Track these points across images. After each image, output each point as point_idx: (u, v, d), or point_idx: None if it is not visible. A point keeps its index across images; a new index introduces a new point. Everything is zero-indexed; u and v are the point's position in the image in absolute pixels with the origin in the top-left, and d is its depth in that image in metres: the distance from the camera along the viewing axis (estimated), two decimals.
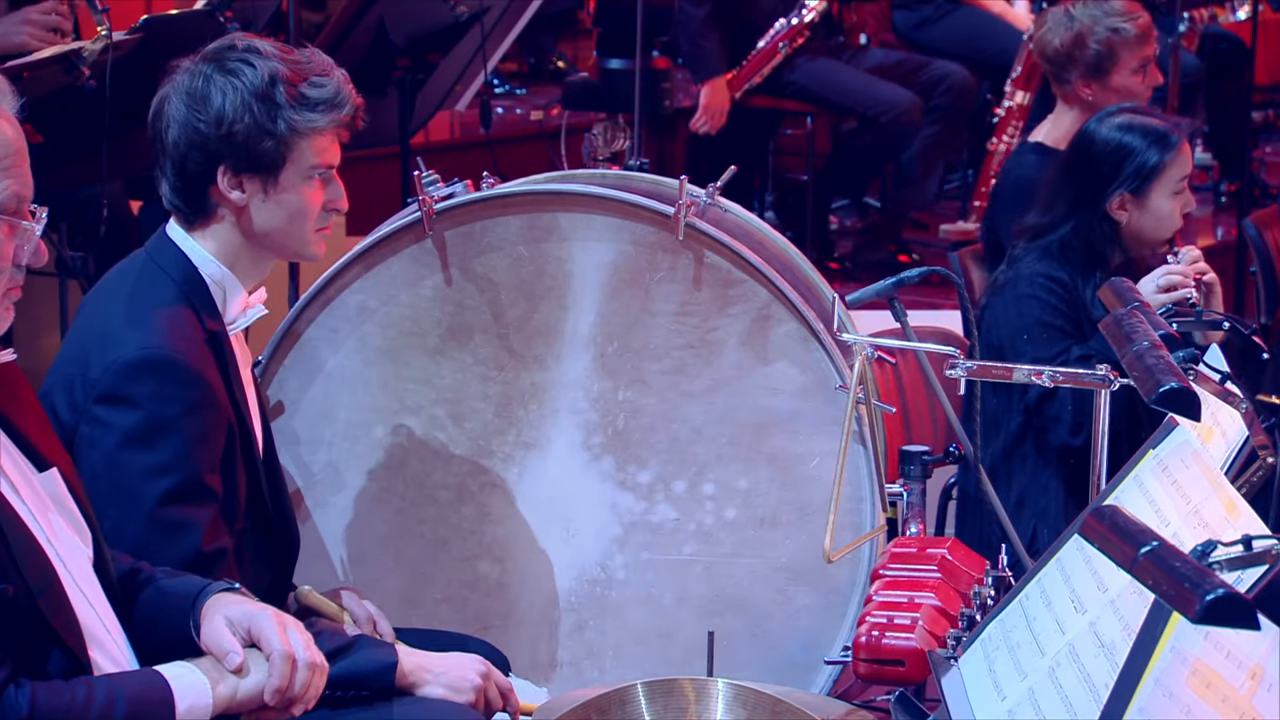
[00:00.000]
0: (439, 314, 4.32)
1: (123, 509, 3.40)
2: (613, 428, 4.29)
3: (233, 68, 3.58)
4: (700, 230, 4.23)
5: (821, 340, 4.17)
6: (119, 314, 3.58)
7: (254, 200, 3.58)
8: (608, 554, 4.30)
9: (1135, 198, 4.95)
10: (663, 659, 4.08)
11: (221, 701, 2.93)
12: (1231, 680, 2.48)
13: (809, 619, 4.20)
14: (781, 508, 4.24)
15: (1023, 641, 3.17)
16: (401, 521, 4.33)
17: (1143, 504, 3.14)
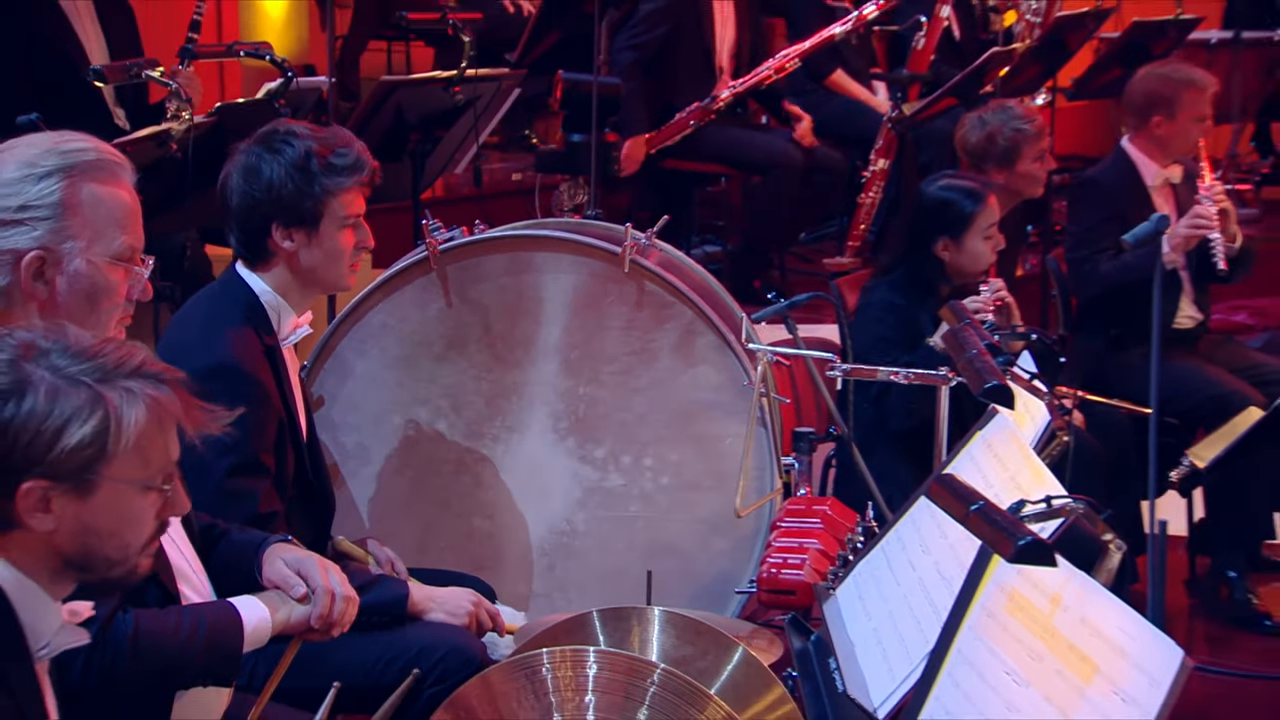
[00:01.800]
0: (442, 329, 4.36)
1: (198, 480, 3.37)
2: (575, 415, 4.33)
3: (277, 147, 3.61)
4: (641, 265, 4.28)
5: (733, 349, 4.22)
6: (198, 331, 3.61)
7: (301, 247, 3.60)
8: (572, 512, 4.34)
9: (954, 241, 4.98)
10: (615, 592, 4.08)
11: (278, 625, 2.94)
12: (1038, 604, 2.50)
13: (724, 560, 4.25)
14: (704, 476, 4.27)
15: (884, 577, 3.19)
16: (414, 487, 4.37)
17: (973, 472, 3.17)
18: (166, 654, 2.85)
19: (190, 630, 2.88)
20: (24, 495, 2.14)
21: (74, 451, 2.14)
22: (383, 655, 3.43)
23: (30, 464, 2.13)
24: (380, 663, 3.42)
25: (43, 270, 2.75)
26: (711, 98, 7.69)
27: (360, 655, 3.35)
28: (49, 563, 2.24)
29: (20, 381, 2.13)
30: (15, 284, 2.74)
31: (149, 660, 2.82)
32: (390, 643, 3.45)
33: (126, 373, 2.21)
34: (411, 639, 3.48)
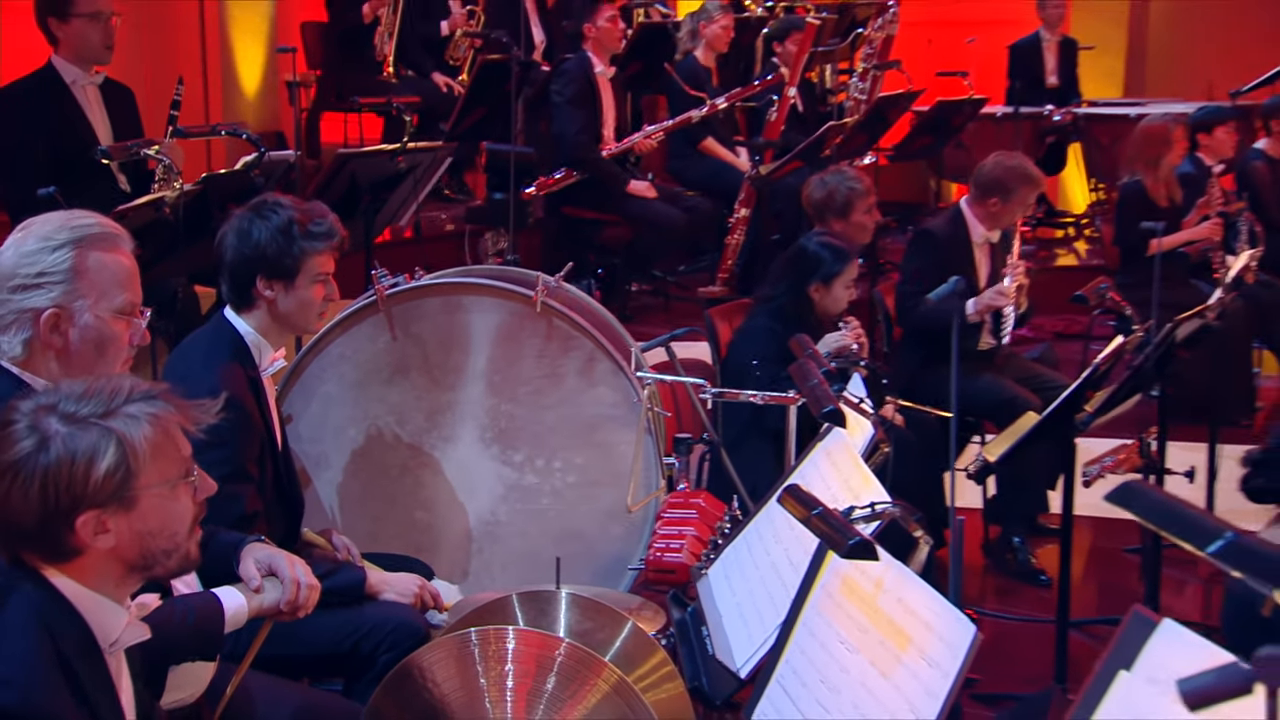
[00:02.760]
0: (389, 358, 4.34)
1: None
2: (498, 427, 4.32)
3: (266, 214, 3.60)
4: (550, 305, 4.28)
5: (625, 373, 4.23)
6: (194, 365, 3.59)
7: (280, 296, 3.59)
8: (495, 506, 4.33)
9: (824, 285, 5.06)
10: (531, 570, 4.06)
11: (254, 610, 2.94)
12: (865, 588, 2.53)
13: (619, 543, 4.25)
14: (602, 475, 4.27)
15: (746, 560, 3.22)
16: (367, 488, 4.35)
17: (816, 475, 3.20)
18: (161, 637, 2.83)
19: (181, 617, 2.87)
20: (83, 526, 2.16)
21: (106, 479, 2.15)
22: (342, 628, 3.41)
23: (77, 501, 2.14)
24: (341, 635, 3.41)
25: (58, 324, 2.79)
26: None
27: (324, 629, 3.33)
28: (114, 572, 2.27)
29: (41, 439, 2.14)
30: (35, 336, 2.78)
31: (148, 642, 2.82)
32: (349, 618, 3.44)
33: (122, 401, 2.21)
34: (367, 615, 3.47)
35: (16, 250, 2.80)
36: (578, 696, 2.63)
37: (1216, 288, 5.71)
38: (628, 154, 7.98)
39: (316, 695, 3.40)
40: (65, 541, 2.18)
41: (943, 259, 5.87)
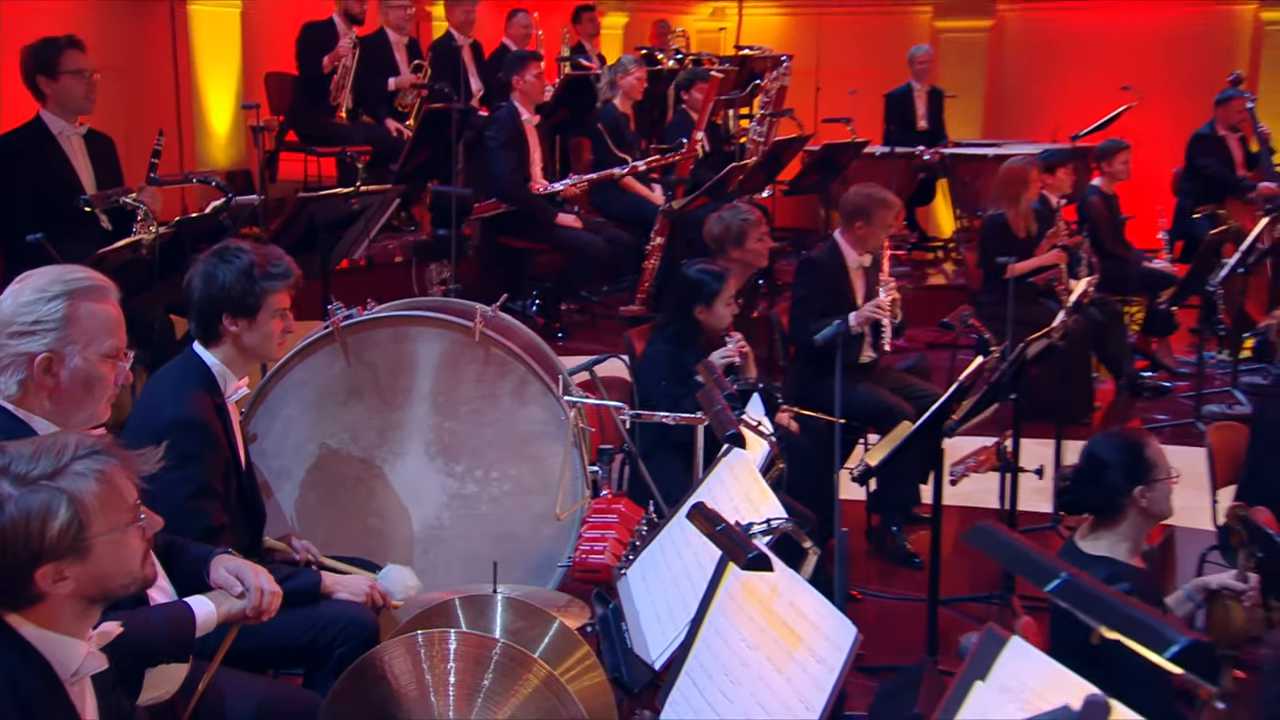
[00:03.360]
0: (344, 382, 4.28)
1: (167, 502, 3.31)
2: (441, 443, 4.28)
3: (229, 258, 3.56)
4: (487, 334, 4.25)
5: (555, 394, 4.20)
6: (166, 393, 3.53)
7: (243, 330, 3.54)
8: (440, 512, 4.29)
9: (707, 308, 5.00)
10: (473, 570, 4.05)
11: (222, 616, 2.91)
12: (762, 592, 2.53)
13: (550, 543, 4.22)
14: (534, 484, 4.24)
15: (660, 563, 3.20)
16: (324, 497, 4.29)
17: (720, 490, 3.18)
18: (139, 643, 2.81)
19: (156, 625, 2.85)
20: (42, 578, 2.12)
21: (60, 535, 2.12)
22: (301, 625, 3.37)
23: (35, 556, 2.11)
24: (300, 630, 3.37)
25: (50, 366, 2.78)
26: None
27: (286, 626, 3.27)
28: (75, 609, 2.22)
29: None
30: (29, 377, 2.78)
31: (126, 648, 2.78)
32: (308, 616, 3.39)
33: (69, 460, 2.16)
34: (323, 613, 3.43)
35: (14, 300, 2.81)
36: (512, 690, 2.62)
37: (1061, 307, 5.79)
38: (556, 192, 7.96)
39: (279, 687, 3.36)
40: (27, 591, 2.14)
41: (825, 283, 5.93)
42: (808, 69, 11.49)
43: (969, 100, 12.50)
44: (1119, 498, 3.59)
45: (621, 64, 8.87)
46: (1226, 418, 7.40)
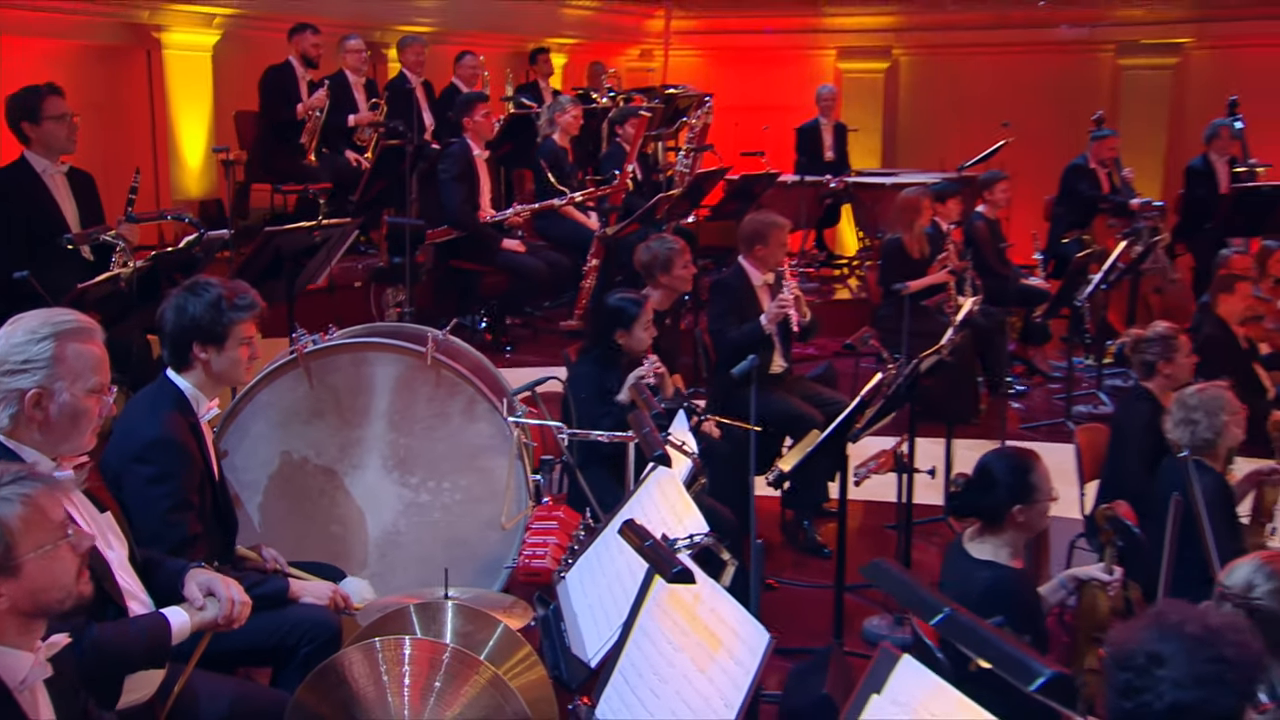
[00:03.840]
0: (308, 403, 4.24)
1: (146, 514, 3.31)
2: (398, 457, 4.24)
3: (199, 292, 3.52)
4: (439, 358, 4.22)
5: (501, 412, 4.18)
6: (143, 415, 3.48)
7: (213, 357, 3.49)
8: (396, 520, 4.25)
9: (626, 332, 4.91)
10: (427, 572, 3.98)
11: (195, 625, 2.88)
12: (687, 599, 2.54)
13: (497, 546, 4.19)
14: (483, 493, 4.21)
15: (596, 568, 3.20)
16: (291, 507, 4.23)
17: (649, 502, 3.18)
18: (119, 652, 2.79)
19: (135, 635, 2.82)
20: None
21: None
22: (270, 626, 3.33)
23: None
24: (269, 632, 3.34)
25: (40, 401, 2.77)
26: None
27: (256, 627, 3.20)
28: (15, 624, 2.20)
29: None
30: (20, 411, 2.77)
31: (107, 656, 2.76)
32: (275, 618, 3.36)
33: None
34: (290, 615, 3.41)
35: (7, 341, 2.80)
36: (461, 690, 2.62)
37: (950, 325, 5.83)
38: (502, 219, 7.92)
39: (249, 687, 3.32)
40: None
41: (735, 300, 5.95)
42: (727, 106, 11.51)
43: (869, 134, 12.61)
44: (1002, 511, 3.60)
45: (560, 103, 8.84)
46: (1093, 417, 7.52)
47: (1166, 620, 2.24)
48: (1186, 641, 2.18)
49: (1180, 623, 2.23)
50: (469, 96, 8.05)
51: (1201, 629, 2.21)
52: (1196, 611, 2.29)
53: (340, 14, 9.79)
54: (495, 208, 7.95)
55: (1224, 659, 2.17)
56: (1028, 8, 12.57)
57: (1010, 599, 3.53)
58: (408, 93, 8.73)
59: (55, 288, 4.63)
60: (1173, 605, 2.34)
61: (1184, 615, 2.25)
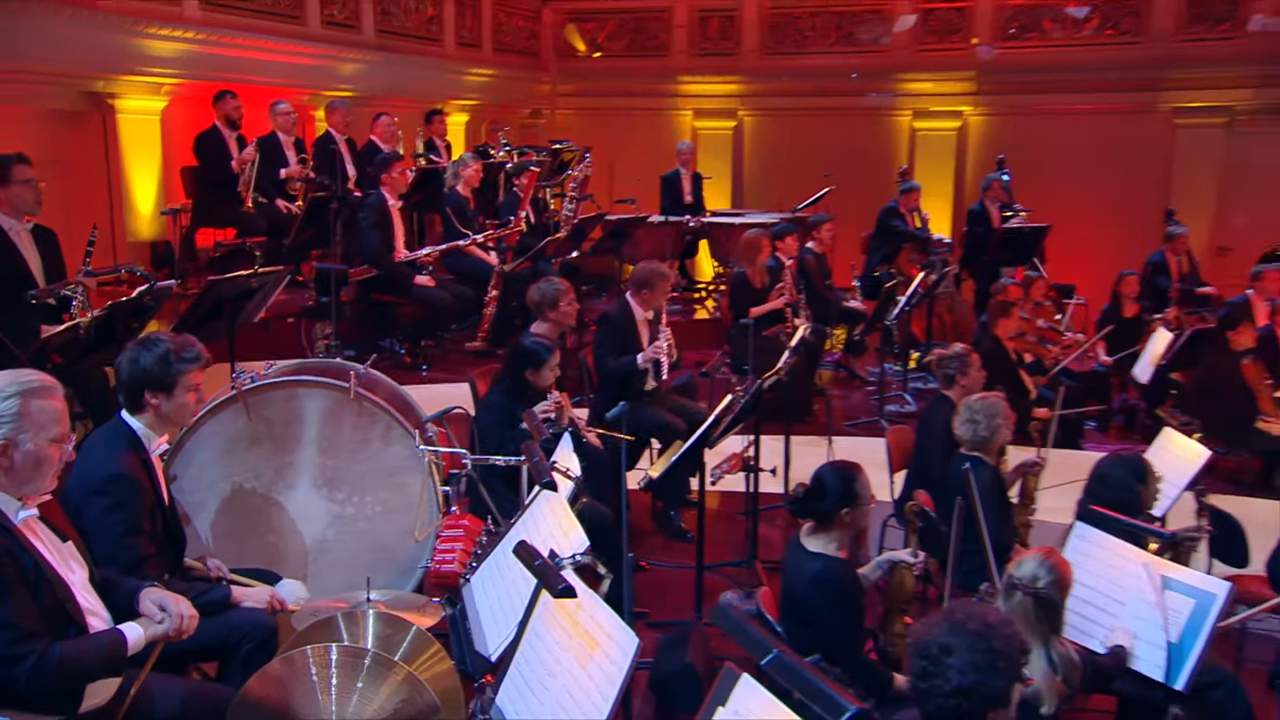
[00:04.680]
0: (246, 433, 4.08)
1: (104, 539, 3.16)
2: (325, 476, 4.12)
3: (150, 346, 3.37)
4: (360, 391, 4.10)
5: (415, 437, 4.08)
6: (101, 453, 3.31)
7: (162, 403, 3.35)
8: (325, 530, 4.13)
9: (536, 371, 4.77)
10: (353, 574, 3.91)
11: (148, 638, 2.78)
12: (571, 607, 2.50)
13: (413, 551, 4.08)
14: (400, 506, 4.12)
15: (496, 573, 3.14)
16: (233, 523, 4.08)
17: (541, 517, 3.13)
18: (80, 666, 2.68)
19: (95, 649, 2.70)
20: None
21: None
22: (214, 628, 3.21)
23: None
24: (215, 632, 3.23)
25: (6, 450, 2.67)
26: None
27: (204, 629, 3.08)
28: None
29: None
30: None
31: (69, 671, 2.65)
32: (219, 621, 3.26)
33: None
34: (232, 618, 3.30)
35: None
36: (380, 687, 2.55)
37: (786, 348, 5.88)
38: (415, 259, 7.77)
39: (198, 685, 3.20)
40: None
41: (619, 332, 5.90)
42: (603, 157, 11.51)
43: (720, 181, 12.75)
44: (832, 514, 3.65)
45: (463, 159, 8.71)
46: (901, 415, 7.70)
47: (955, 618, 2.35)
48: (969, 637, 2.29)
49: (965, 620, 2.33)
50: (387, 156, 7.88)
51: (981, 625, 2.31)
52: (979, 610, 2.38)
53: (272, 80, 9.54)
54: (408, 248, 7.78)
55: (996, 650, 2.29)
56: (844, 80, 12.84)
57: (835, 583, 3.58)
58: (333, 151, 8.52)
59: (21, 331, 4.42)
60: (960, 605, 2.42)
61: (968, 614, 2.35)
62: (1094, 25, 11.95)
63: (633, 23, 13.82)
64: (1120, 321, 8.52)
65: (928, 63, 12.64)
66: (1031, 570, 3.08)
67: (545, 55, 14.04)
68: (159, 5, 8.56)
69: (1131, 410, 8.10)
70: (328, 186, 7.58)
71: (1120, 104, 11.89)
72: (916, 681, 2.34)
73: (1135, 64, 11.73)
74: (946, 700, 2.30)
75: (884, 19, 12.85)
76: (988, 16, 12.37)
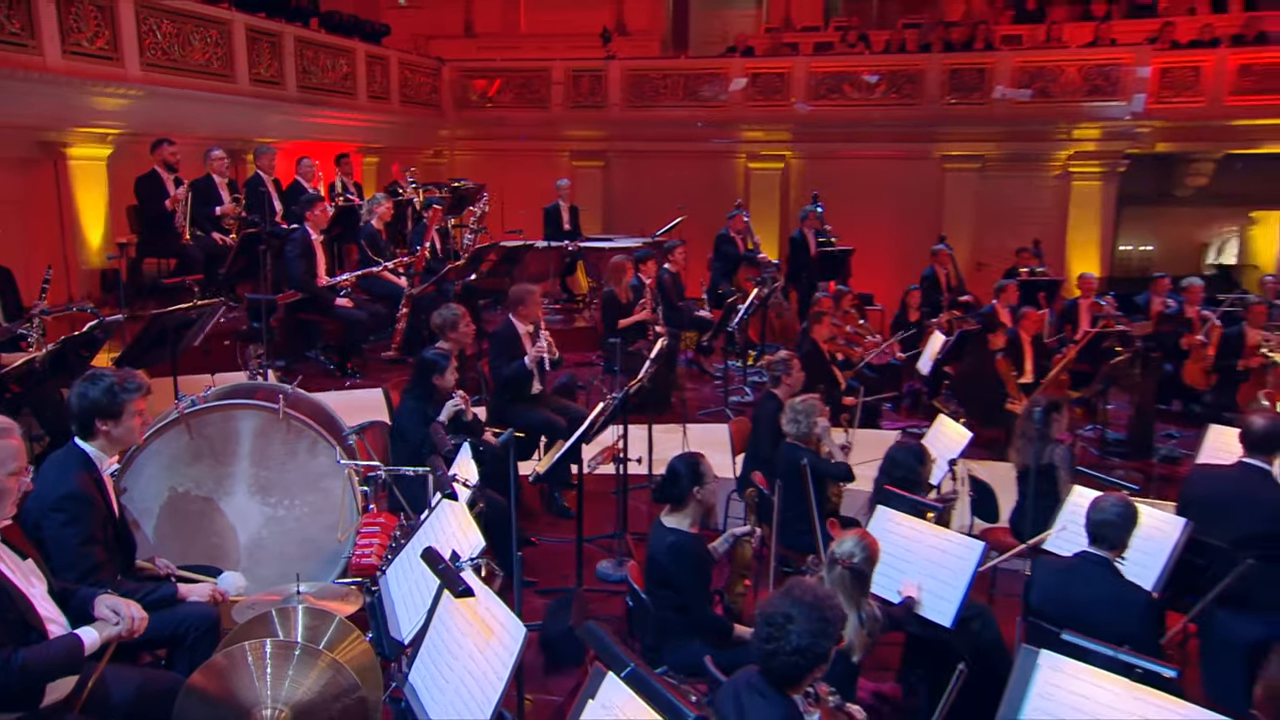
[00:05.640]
0: (188, 449, 3.91)
1: (62, 549, 2.99)
2: (259, 484, 3.98)
3: (97, 380, 3.19)
4: (288, 411, 3.96)
5: (338, 450, 3.97)
6: (57, 474, 3.13)
7: (111, 429, 3.18)
8: (260, 530, 3.98)
9: (440, 376, 4.65)
10: (286, 566, 3.80)
11: (103, 639, 2.65)
12: (477, 609, 2.48)
13: (337, 545, 3.99)
14: (326, 507, 4.00)
15: (407, 567, 3.09)
16: (177, 527, 3.91)
17: (445, 520, 3.09)
18: (41, 668, 2.53)
19: (55, 653, 2.57)
20: None
21: None
22: (163, 621, 3.09)
23: None
24: (164, 624, 3.10)
25: None
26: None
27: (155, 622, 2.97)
28: None
29: None
30: None
31: (31, 673, 2.50)
32: (168, 614, 3.12)
33: None
34: (179, 611, 3.16)
35: None
36: (309, 673, 2.49)
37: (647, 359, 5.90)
38: (335, 284, 7.52)
39: (149, 673, 3.04)
40: None
41: (506, 346, 5.82)
42: (496, 193, 11.36)
43: (592, 211, 12.71)
44: (685, 494, 3.70)
45: (376, 198, 8.46)
46: (742, 405, 7.85)
47: (794, 594, 2.46)
48: (806, 609, 2.41)
49: (802, 595, 2.45)
50: (310, 198, 7.59)
51: (814, 599, 2.43)
52: (811, 587, 2.50)
53: (207, 130, 9.09)
54: (329, 274, 7.52)
55: (826, 619, 2.42)
56: (691, 129, 13.00)
57: (688, 553, 3.64)
58: (262, 192, 8.17)
59: None
60: (798, 583, 2.53)
61: (804, 590, 2.47)
62: (882, 89, 12.43)
63: (519, 79, 13.70)
64: (907, 325, 8.87)
65: (757, 116, 12.91)
66: (849, 548, 3.19)
67: (445, 105, 13.76)
68: (104, 67, 8.06)
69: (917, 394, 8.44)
70: (257, 223, 7.26)
71: (903, 152, 12.42)
72: (762, 644, 2.44)
73: (913, 121, 12.26)
74: (788, 658, 2.42)
75: (721, 80, 13.05)
76: (802, 81, 12.72)
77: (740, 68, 12.95)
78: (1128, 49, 11.91)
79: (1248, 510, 3.82)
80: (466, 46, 15.17)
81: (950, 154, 12.38)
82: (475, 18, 15.85)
